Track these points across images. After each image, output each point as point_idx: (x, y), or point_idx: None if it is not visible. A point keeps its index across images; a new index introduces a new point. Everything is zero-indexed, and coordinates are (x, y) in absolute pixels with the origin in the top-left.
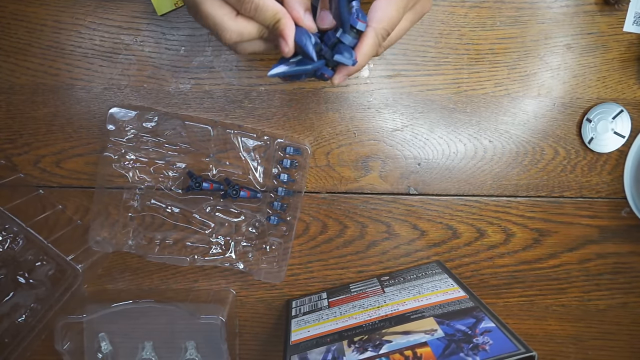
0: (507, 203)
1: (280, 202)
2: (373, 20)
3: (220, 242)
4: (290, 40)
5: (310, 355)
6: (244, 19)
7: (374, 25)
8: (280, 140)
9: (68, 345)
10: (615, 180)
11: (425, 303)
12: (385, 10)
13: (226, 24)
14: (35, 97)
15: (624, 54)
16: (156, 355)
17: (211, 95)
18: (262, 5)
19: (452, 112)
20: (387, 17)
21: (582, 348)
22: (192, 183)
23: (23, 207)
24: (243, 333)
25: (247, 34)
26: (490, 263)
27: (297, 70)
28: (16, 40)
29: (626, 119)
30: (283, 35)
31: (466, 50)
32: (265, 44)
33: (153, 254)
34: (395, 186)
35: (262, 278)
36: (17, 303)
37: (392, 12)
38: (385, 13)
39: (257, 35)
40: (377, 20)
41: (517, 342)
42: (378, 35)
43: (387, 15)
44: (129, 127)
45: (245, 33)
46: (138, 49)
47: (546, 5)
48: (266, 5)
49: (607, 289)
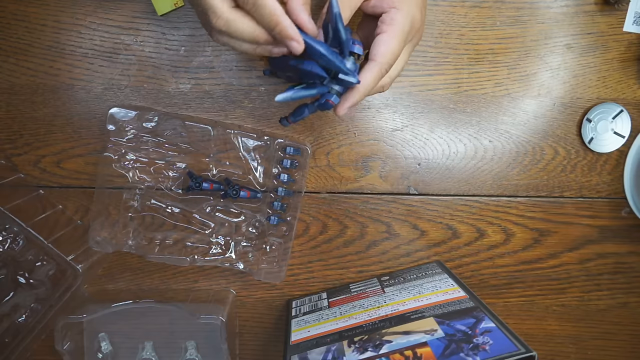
0: (507, 203)
1: (280, 202)
2: (377, 54)
3: (220, 242)
4: (298, 37)
5: (310, 355)
6: (241, 12)
7: (378, 59)
8: (280, 140)
9: (68, 345)
10: (615, 180)
11: (425, 303)
12: (388, 44)
13: (220, 8)
14: (35, 97)
15: (624, 54)
16: (156, 355)
17: (211, 95)
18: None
19: (452, 112)
20: (390, 50)
21: (582, 348)
22: (192, 183)
23: (23, 207)
24: (243, 333)
25: (236, 28)
26: (490, 263)
27: (303, 95)
28: (16, 40)
29: (626, 119)
30: (289, 36)
31: (466, 50)
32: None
33: (153, 254)
34: (395, 186)
35: (262, 278)
36: (17, 303)
37: (394, 45)
38: (388, 47)
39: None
40: (380, 54)
41: (517, 342)
42: (382, 67)
43: (390, 48)
44: (129, 127)
45: (235, 26)
46: (138, 49)
47: (546, 5)
48: (265, 2)
49: (607, 289)
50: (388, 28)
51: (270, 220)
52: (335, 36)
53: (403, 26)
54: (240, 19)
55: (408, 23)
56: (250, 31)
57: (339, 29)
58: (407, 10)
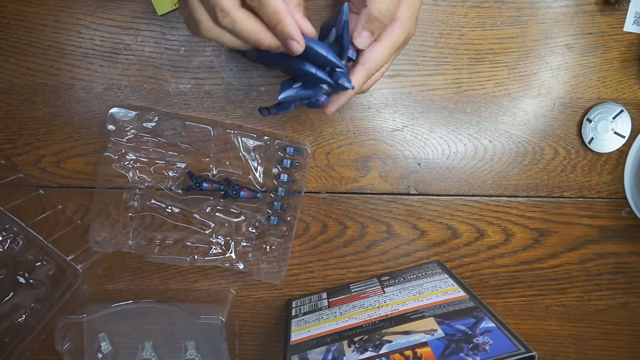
0: (507, 203)
1: (280, 202)
2: (368, 61)
3: (220, 242)
4: (300, 37)
5: (310, 355)
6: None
7: (368, 65)
8: (280, 140)
9: (68, 345)
10: (616, 180)
11: (425, 303)
12: (380, 54)
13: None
14: (35, 97)
15: (624, 54)
16: (156, 355)
17: (211, 95)
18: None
19: (452, 112)
20: (381, 59)
21: (582, 348)
22: (192, 183)
23: (23, 207)
24: (243, 333)
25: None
26: (490, 263)
27: (304, 95)
28: (16, 40)
29: (626, 119)
30: (290, 35)
31: (466, 50)
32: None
33: (153, 254)
34: (395, 186)
35: (262, 278)
36: (17, 303)
37: (386, 55)
38: (380, 56)
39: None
40: (372, 61)
41: (517, 342)
42: (370, 72)
43: (381, 57)
44: (129, 127)
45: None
46: (138, 49)
47: (546, 5)
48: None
49: (607, 289)
50: (384, 38)
51: (270, 220)
52: (338, 41)
53: (398, 39)
54: (247, 18)
55: (403, 37)
56: (255, 32)
57: (343, 36)
58: (406, 26)
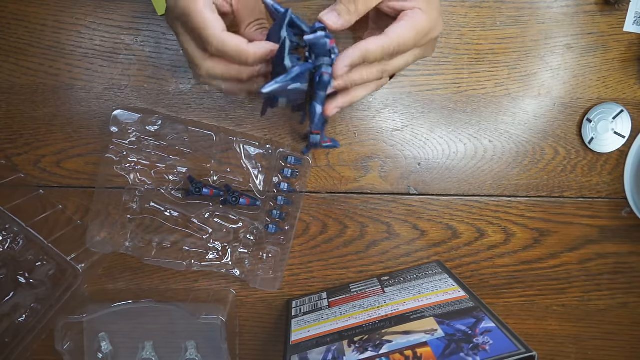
0: (507, 203)
1: (279, 210)
2: (390, 31)
3: (218, 248)
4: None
5: (310, 355)
6: (215, 59)
7: (390, 34)
8: (282, 149)
9: (68, 345)
10: (616, 180)
11: (425, 303)
12: (403, 30)
13: (198, 59)
14: (35, 97)
15: (624, 54)
16: (156, 355)
17: (211, 96)
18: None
19: (452, 112)
20: (403, 35)
21: (582, 348)
22: (192, 188)
23: (23, 207)
24: (243, 333)
25: (215, 73)
26: (490, 263)
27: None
28: (16, 40)
29: (626, 119)
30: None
31: (466, 50)
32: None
33: (150, 256)
34: (395, 186)
35: (258, 285)
36: (17, 303)
37: (408, 34)
38: (402, 32)
39: (229, 76)
40: (394, 32)
41: (517, 342)
42: (390, 44)
43: (403, 34)
44: (132, 130)
45: (214, 72)
46: (138, 49)
47: (546, 5)
48: (226, 43)
49: (607, 289)
50: (409, 19)
51: (268, 228)
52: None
53: (423, 26)
54: (217, 65)
55: (428, 26)
56: (226, 71)
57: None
58: (433, 17)
